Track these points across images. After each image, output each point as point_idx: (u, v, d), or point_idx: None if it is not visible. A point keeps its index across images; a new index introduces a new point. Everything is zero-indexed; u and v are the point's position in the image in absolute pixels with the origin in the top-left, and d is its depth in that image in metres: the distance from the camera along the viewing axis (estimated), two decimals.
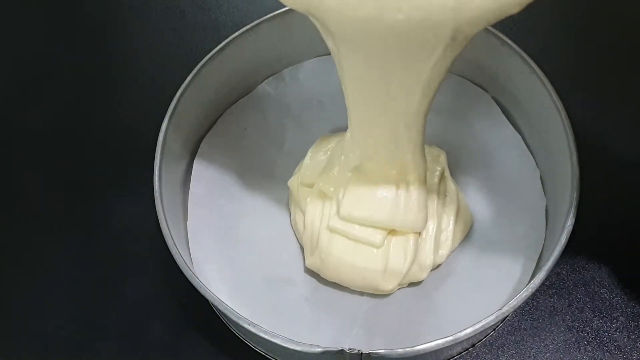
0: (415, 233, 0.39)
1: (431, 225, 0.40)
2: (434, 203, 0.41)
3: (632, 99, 0.48)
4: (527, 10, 0.58)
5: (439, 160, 0.43)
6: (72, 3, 0.58)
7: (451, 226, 0.41)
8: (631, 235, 0.43)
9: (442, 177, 0.42)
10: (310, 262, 0.40)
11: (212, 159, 0.43)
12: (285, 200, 0.43)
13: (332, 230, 0.39)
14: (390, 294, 0.40)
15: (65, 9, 0.57)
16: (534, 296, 0.41)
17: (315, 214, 0.40)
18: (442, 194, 0.42)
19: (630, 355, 0.39)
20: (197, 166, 0.43)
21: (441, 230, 0.41)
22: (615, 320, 0.40)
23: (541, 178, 0.41)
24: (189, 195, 0.41)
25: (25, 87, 0.53)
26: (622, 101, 0.48)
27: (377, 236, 0.38)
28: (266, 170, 0.44)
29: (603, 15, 0.53)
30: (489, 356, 0.39)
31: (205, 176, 0.43)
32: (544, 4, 0.55)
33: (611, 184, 0.44)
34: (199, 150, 0.43)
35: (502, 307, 0.31)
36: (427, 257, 0.39)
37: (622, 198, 0.44)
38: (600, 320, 0.40)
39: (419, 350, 0.30)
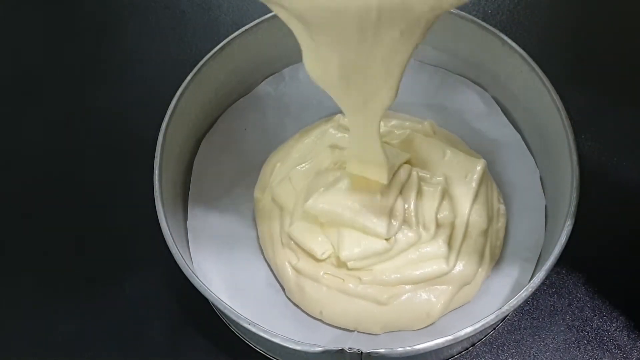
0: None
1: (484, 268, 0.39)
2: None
3: (632, 98, 0.48)
4: (527, 10, 0.58)
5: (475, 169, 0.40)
6: (72, 3, 0.58)
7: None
8: (631, 235, 0.43)
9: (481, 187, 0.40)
10: (290, 296, 0.39)
11: (212, 158, 0.43)
12: None
13: (298, 271, 0.38)
14: None
15: (65, 8, 0.57)
16: (534, 295, 0.41)
17: (264, 229, 0.40)
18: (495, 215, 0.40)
19: (630, 355, 0.39)
20: (197, 166, 0.43)
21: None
22: (615, 320, 0.40)
23: (541, 178, 0.41)
24: (189, 195, 0.41)
25: (25, 87, 0.53)
26: (622, 101, 0.48)
27: (383, 295, 0.37)
28: None
29: (603, 14, 0.53)
30: (489, 355, 0.39)
31: (206, 176, 0.43)
32: (543, 3, 0.55)
33: (611, 184, 0.44)
34: (199, 150, 0.43)
35: (502, 306, 0.31)
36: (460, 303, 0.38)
37: (622, 197, 0.44)
38: (600, 320, 0.40)
39: (419, 350, 0.30)
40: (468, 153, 0.42)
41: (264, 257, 0.41)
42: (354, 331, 0.38)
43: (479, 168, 0.40)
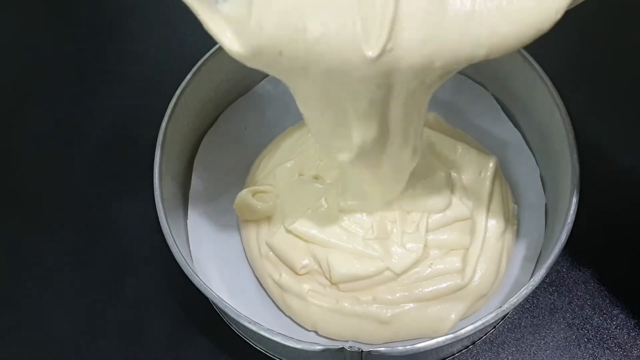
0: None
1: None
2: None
3: (633, 97, 0.48)
4: None
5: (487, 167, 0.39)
6: (72, 3, 0.58)
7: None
8: (631, 233, 0.43)
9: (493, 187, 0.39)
10: (280, 307, 0.38)
11: (212, 158, 0.43)
12: None
13: (282, 287, 0.37)
14: None
15: (65, 8, 0.57)
16: (534, 294, 0.41)
17: (243, 232, 0.40)
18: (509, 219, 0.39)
19: (631, 353, 0.39)
20: (197, 165, 0.43)
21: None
22: (615, 318, 0.40)
23: (541, 176, 0.41)
24: (189, 194, 0.41)
25: (25, 87, 0.53)
26: (622, 99, 0.48)
27: (386, 313, 0.35)
28: None
29: (604, 13, 0.53)
30: (489, 354, 0.39)
31: (206, 175, 0.42)
32: None
33: (611, 182, 0.44)
34: (199, 149, 0.43)
35: (502, 304, 0.31)
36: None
37: (622, 196, 0.44)
38: (601, 318, 0.40)
39: (419, 348, 0.30)
40: (477, 148, 0.41)
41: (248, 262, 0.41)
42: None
43: (491, 164, 0.39)
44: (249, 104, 0.45)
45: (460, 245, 0.37)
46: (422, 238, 0.36)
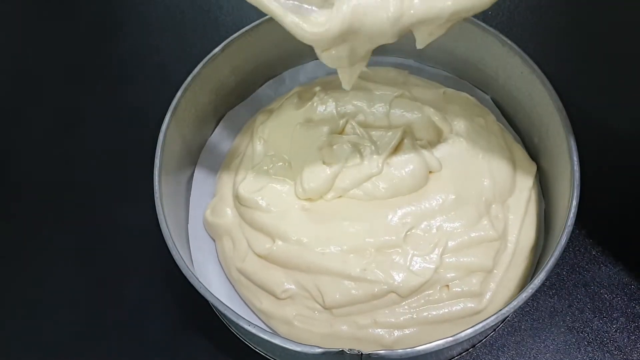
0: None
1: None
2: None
3: (633, 99, 0.48)
4: (527, 12, 0.58)
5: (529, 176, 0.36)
6: (72, 3, 0.58)
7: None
8: (631, 237, 0.43)
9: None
10: (274, 328, 0.36)
11: (213, 162, 0.43)
12: None
13: (266, 314, 0.35)
14: None
15: (65, 9, 0.57)
16: (534, 297, 0.41)
17: (221, 260, 0.38)
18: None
19: (631, 356, 0.39)
20: (199, 169, 0.43)
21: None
22: (615, 321, 0.40)
23: (540, 180, 0.41)
24: (190, 197, 0.41)
25: (25, 87, 0.53)
26: (622, 101, 0.48)
27: (390, 337, 0.33)
28: None
29: (603, 15, 0.53)
30: (489, 357, 0.39)
31: (207, 179, 0.42)
32: (543, 4, 0.55)
33: (610, 185, 0.44)
34: (201, 154, 0.43)
35: (502, 308, 0.31)
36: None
37: (622, 199, 0.44)
38: (601, 321, 0.40)
39: (419, 351, 0.30)
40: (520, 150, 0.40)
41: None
42: None
43: (531, 174, 0.38)
44: (249, 108, 0.45)
45: (481, 269, 0.34)
46: (436, 260, 0.33)
